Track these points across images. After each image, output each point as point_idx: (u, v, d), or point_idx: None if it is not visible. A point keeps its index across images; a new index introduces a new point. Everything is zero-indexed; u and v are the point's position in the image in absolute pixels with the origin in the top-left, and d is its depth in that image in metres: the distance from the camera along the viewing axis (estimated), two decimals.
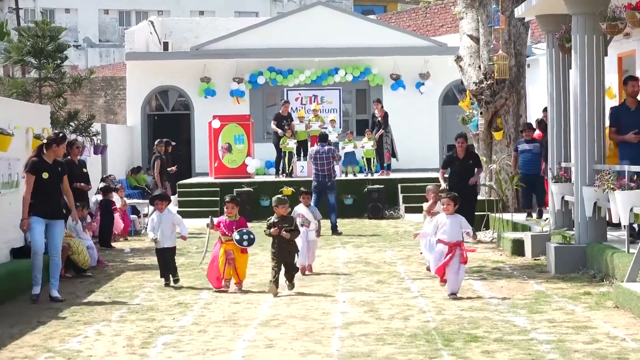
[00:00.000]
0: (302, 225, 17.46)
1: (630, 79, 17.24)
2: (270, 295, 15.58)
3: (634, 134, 16.28)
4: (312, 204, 24.74)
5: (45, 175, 15.43)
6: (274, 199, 16.57)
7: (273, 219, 15.89)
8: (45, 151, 15.67)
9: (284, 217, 15.78)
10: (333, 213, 25.61)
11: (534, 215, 23.00)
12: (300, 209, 17.98)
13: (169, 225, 16.84)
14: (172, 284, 16.70)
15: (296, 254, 15.99)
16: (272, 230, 15.62)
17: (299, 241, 17.16)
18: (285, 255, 15.58)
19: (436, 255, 15.06)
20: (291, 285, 15.62)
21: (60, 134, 16.96)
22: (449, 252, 14.69)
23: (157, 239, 16.84)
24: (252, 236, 16.03)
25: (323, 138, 27.04)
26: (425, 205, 18.75)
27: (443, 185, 21.83)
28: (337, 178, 27.46)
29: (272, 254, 15.74)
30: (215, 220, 17.08)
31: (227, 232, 16.09)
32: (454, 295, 14.58)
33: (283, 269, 15.82)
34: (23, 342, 12.32)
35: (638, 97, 16.99)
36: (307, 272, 17.80)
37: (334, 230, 25.07)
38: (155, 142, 30.20)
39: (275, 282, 15.29)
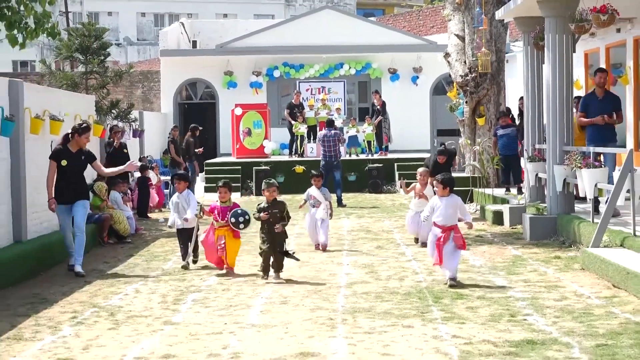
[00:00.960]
0: (313, 207, 16.78)
1: (599, 71, 17.29)
2: (268, 285, 14.09)
3: (602, 117, 16.38)
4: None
5: (64, 162, 14.46)
6: (263, 183, 14.53)
7: (263, 203, 13.90)
8: (70, 140, 14.83)
9: (274, 201, 13.75)
10: (339, 188, 25.61)
11: (512, 190, 23.00)
12: (312, 190, 17.04)
13: (186, 208, 14.98)
14: (190, 265, 14.93)
15: (285, 240, 13.80)
16: (261, 215, 13.60)
17: (308, 221, 16.92)
18: (274, 240, 13.41)
19: (431, 238, 12.96)
20: (277, 276, 13.43)
21: (84, 124, 15.40)
22: (442, 236, 12.68)
23: (172, 225, 15.54)
24: (247, 217, 14.01)
25: (330, 123, 27.09)
26: (417, 187, 17.33)
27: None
28: (342, 158, 27.41)
29: (261, 239, 13.64)
30: (208, 207, 15.26)
31: (219, 219, 14.07)
32: (452, 281, 12.48)
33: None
34: (72, 298, 12.40)
35: (605, 87, 17.15)
36: (320, 249, 16.56)
37: (339, 203, 25.04)
38: (171, 128, 30.59)
39: (265, 269, 13.44)
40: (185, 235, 15.02)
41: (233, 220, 13.71)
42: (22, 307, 11.80)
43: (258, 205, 13.99)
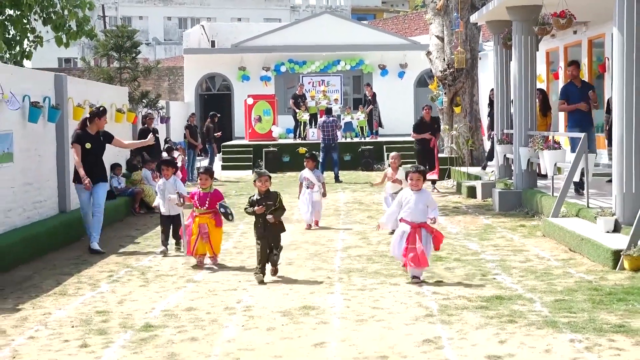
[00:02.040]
0: (307, 188, 15.10)
1: (573, 63, 17.08)
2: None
3: (584, 102, 16.21)
4: (320, 160, 25.03)
5: (87, 145, 13.27)
6: (253, 174, 11.69)
7: (255, 195, 11.04)
8: (88, 124, 13.57)
9: (267, 192, 10.88)
10: (336, 167, 25.53)
11: (487, 168, 22.96)
12: (305, 172, 15.30)
13: (175, 194, 12.48)
14: (172, 252, 12.97)
15: (280, 235, 11.06)
16: (256, 208, 10.86)
17: (303, 201, 15.34)
18: (271, 236, 10.77)
19: (396, 237, 10.35)
20: (274, 271, 10.80)
21: (101, 108, 14.22)
22: (410, 234, 10.10)
23: (157, 206, 13.32)
24: (232, 212, 11.72)
25: (329, 111, 27.03)
26: (389, 171, 15.30)
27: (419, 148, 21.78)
28: (339, 141, 27.32)
29: (256, 235, 10.94)
30: (190, 193, 12.73)
31: (200, 206, 11.79)
32: (416, 279, 10.10)
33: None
34: (109, 260, 12.42)
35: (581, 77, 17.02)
36: (313, 227, 15.18)
37: (337, 179, 25.00)
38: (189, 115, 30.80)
39: (262, 269, 10.65)
40: (167, 222, 13.08)
41: (222, 210, 11.53)
42: (67, 267, 11.83)
43: (250, 197, 11.05)
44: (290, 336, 7.79)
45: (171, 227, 13.06)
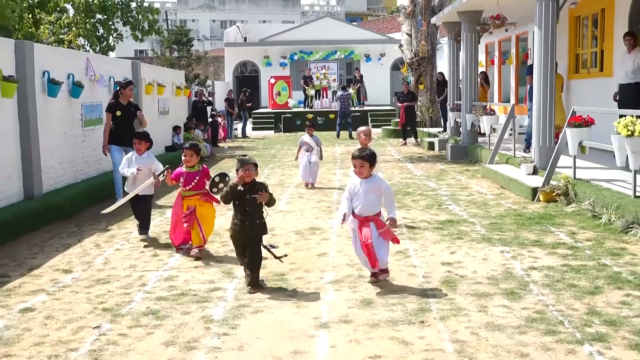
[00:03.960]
0: (307, 151, 12.70)
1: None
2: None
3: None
4: (337, 122, 25.21)
5: (118, 113, 11.16)
6: (236, 162, 6.47)
7: (238, 187, 6.41)
8: (120, 95, 11.42)
9: (253, 183, 6.43)
10: (349, 127, 25.09)
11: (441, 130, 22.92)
12: (305, 138, 13.00)
13: (147, 172, 8.40)
14: (139, 235, 8.60)
15: (267, 247, 6.52)
16: (236, 179, 6.39)
17: (302, 163, 12.85)
18: (247, 238, 6.36)
19: (353, 241, 6.55)
20: (253, 282, 6.26)
21: (128, 80, 11.92)
22: (359, 228, 6.36)
23: (133, 172, 8.39)
24: (227, 178, 7.15)
25: (344, 88, 27.13)
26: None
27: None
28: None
29: (231, 236, 6.56)
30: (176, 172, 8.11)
31: (185, 185, 7.76)
32: (373, 277, 6.38)
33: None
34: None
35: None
36: (309, 187, 12.75)
37: (350, 136, 24.63)
38: (228, 91, 30.91)
39: (253, 283, 6.26)
40: (140, 204, 8.53)
41: (217, 179, 7.10)
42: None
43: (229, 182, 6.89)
44: (301, 249, 7.82)
45: (138, 210, 8.61)
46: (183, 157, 7.88)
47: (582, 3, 14.75)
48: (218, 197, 6.97)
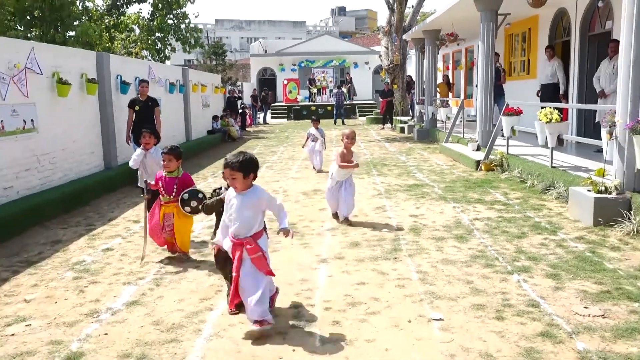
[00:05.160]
0: (312, 141, 11.18)
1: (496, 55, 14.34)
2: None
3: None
4: (334, 112, 24.97)
5: (136, 108, 9.41)
6: (224, 164, 3.57)
7: (222, 188, 4.46)
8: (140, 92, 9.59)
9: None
10: (343, 116, 25.15)
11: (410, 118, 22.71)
12: (311, 130, 11.26)
13: (156, 168, 6.10)
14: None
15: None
16: (221, 197, 4.15)
17: (309, 151, 11.38)
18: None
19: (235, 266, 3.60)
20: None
21: (141, 79, 9.91)
22: (233, 253, 3.57)
23: (146, 181, 5.68)
24: (200, 195, 5.09)
25: (339, 87, 27.01)
26: (340, 152, 6.66)
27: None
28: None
29: (216, 263, 3.99)
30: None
31: (166, 193, 5.28)
32: (257, 324, 3.52)
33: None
34: (217, 165, 12.30)
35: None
36: (317, 171, 10.96)
37: (343, 123, 24.59)
38: (252, 90, 30.49)
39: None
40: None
41: (186, 196, 5.15)
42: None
43: (215, 189, 4.71)
44: (307, 205, 7.78)
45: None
46: (162, 162, 5.28)
47: (515, 24, 14.56)
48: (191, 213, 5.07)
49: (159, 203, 5.37)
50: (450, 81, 20.21)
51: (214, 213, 4.64)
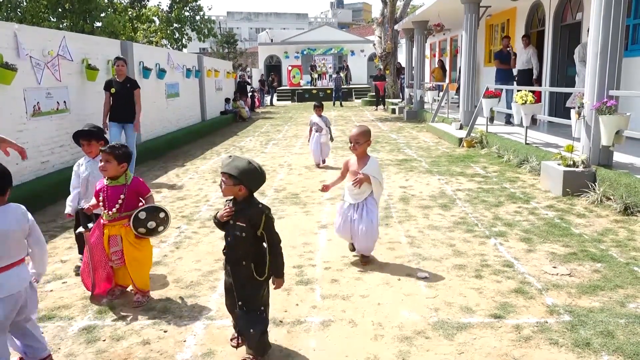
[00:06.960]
0: (316, 132, 8.50)
1: (505, 38, 11.86)
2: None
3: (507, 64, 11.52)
4: (333, 94, 24.65)
5: (112, 90, 7.43)
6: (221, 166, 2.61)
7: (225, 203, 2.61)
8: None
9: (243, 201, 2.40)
10: (341, 99, 24.86)
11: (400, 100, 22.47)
12: (314, 118, 8.54)
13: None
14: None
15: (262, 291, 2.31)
16: (219, 214, 2.48)
17: (312, 144, 8.57)
18: (239, 283, 2.23)
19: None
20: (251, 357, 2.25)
21: (116, 57, 7.69)
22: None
23: (71, 213, 3.57)
24: (162, 215, 2.94)
25: (337, 72, 26.79)
26: (351, 162, 4.24)
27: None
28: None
29: (225, 264, 2.41)
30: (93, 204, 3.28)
31: (107, 208, 2.94)
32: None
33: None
34: (230, 141, 12.22)
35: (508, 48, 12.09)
36: (321, 165, 8.53)
37: (341, 104, 24.30)
38: (260, 75, 30.15)
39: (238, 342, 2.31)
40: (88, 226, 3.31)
41: (142, 214, 2.93)
42: (205, 145, 11.60)
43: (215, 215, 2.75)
44: (308, 178, 7.72)
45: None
46: (100, 164, 3.26)
47: (495, 15, 14.27)
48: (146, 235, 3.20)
49: (100, 223, 3.26)
50: (445, 66, 19.82)
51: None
